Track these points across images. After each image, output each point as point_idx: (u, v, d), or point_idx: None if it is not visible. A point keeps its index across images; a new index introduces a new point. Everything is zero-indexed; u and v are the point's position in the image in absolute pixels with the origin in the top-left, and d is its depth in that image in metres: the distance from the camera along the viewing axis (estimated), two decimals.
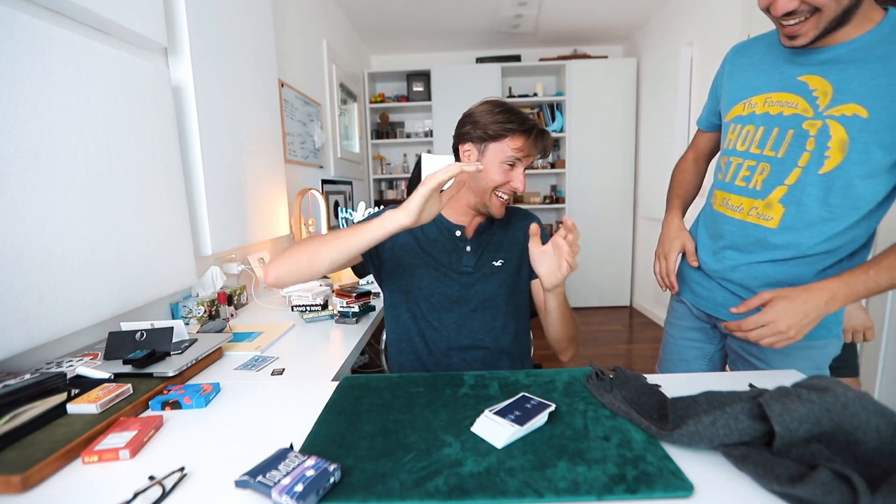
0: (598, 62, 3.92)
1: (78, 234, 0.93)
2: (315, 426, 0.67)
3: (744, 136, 0.92)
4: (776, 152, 0.87)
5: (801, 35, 0.78)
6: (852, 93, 0.78)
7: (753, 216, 0.91)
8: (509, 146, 0.98)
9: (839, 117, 0.79)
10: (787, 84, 0.86)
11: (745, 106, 0.92)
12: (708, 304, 1.04)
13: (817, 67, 0.82)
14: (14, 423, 0.62)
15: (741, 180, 0.93)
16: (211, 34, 1.44)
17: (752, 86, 0.92)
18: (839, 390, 0.54)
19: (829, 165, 0.81)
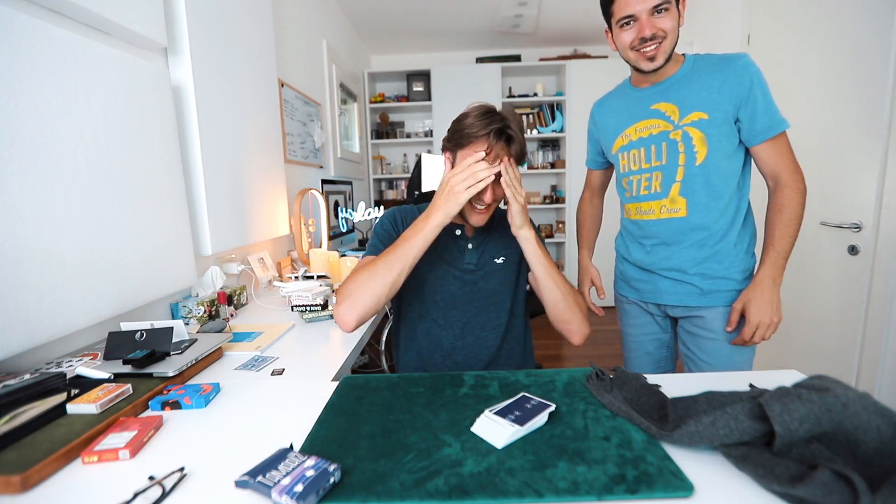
0: (598, 62, 3.91)
1: (78, 234, 0.93)
2: (315, 426, 0.67)
3: (632, 159, 1.18)
4: (660, 161, 1.12)
5: (657, 56, 1.05)
6: (691, 106, 1.07)
7: (665, 212, 1.14)
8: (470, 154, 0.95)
9: (691, 123, 1.07)
10: (645, 114, 1.14)
11: (623, 138, 1.19)
12: (654, 295, 1.23)
13: (659, 97, 1.12)
14: (14, 423, 0.62)
15: (644, 190, 1.17)
16: (211, 34, 1.44)
17: (621, 123, 1.20)
18: (839, 390, 0.54)
19: (700, 158, 1.08)
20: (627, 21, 1.04)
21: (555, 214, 4.42)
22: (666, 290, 1.19)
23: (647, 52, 1.04)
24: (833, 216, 1.78)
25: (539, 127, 4.12)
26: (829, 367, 1.79)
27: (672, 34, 1.03)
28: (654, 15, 1.01)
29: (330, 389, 0.80)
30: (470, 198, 0.96)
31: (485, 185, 0.89)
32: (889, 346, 1.62)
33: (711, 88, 1.05)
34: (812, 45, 1.92)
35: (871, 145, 1.63)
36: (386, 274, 0.91)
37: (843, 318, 1.75)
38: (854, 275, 1.70)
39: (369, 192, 4.10)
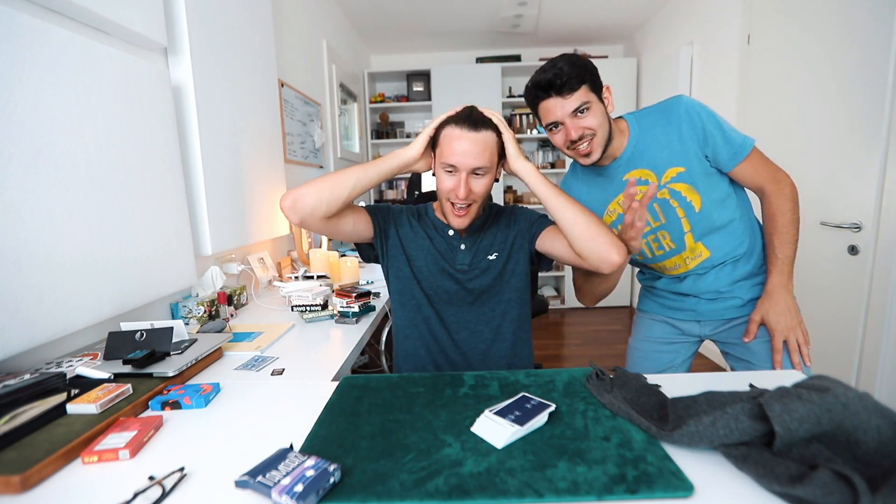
0: (598, 62, 3.89)
1: (78, 234, 0.93)
2: (315, 426, 0.67)
3: None
4: (660, 221, 1.12)
5: (592, 152, 1.04)
6: (664, 163, 1.06)
7: (692, 262, 1.14)
8: (443, 150, 0.96)
9: (672, 179, 1.07)
10: (620, 188, 1.11)
11: (609, 214, 1.16)
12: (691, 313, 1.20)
13: (627, 167, 1.10)
14: (14, 423, 0.62)
15: (658, 250, 1.16)
16: (211, 34, 1.44)
17: (600, 200, 1.16)
18: (839, 390, 0.54)
19: (697, 205, 1.07)
20: (554, 126, 1.03)
21: None
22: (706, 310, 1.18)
23: (581, 150, 1.04)
24: (833, 216, 1.78)
25: (539, 127, 4.11)
26: (829, 367, 1.79)
27: (601, 128, 1.02)
28: (577, 117, 1.00)
29: (330, 389, 0.80)
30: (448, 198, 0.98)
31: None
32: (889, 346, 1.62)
33: (671, 142, 1.06)
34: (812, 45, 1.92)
35: (871, 145, 1.63)
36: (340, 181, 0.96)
37: (843, 318, 1.75)
38: (854, 275, 1.70)
39: (369, 192, 4.10)
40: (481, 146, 0.93)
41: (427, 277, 1.06)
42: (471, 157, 0.93)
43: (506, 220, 1.12)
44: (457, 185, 0.94)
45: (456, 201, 0.97)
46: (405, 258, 1.07)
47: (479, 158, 0.93)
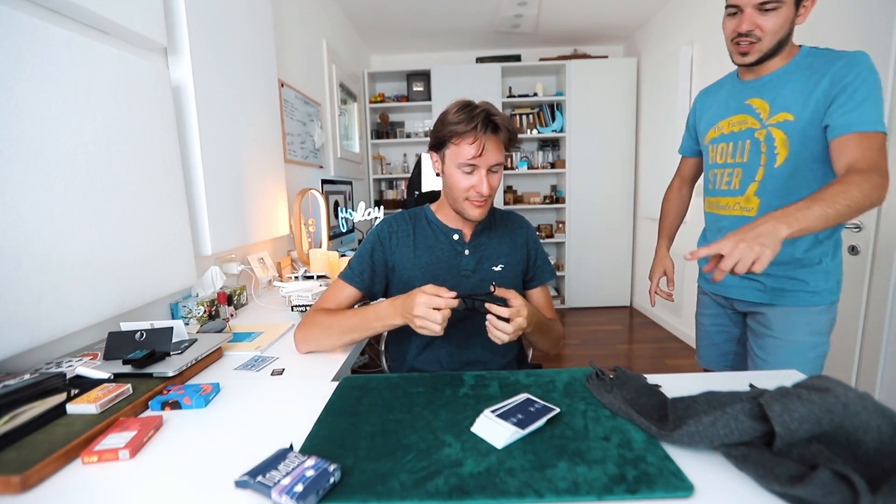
0: (598, 62, 3.92)
1: (78, 233, 0.93)
2: (315, 426, 0.67)
3: (720, 152, 1.18)
4: (743, 158, 1.11)
5: (750, 54, 1.03)
6: (782, 105, 1.03)
7: (738, 210, 1.13)
8: (460, 150, 0.95)
9: (776, 124, 1.04)
10: (739, 108, 1.12)
11: (716, 130, 1.18)
12: (724, 288, 1.22)
13: (756, 91, 1.09)
14: (13, 423, 0.62)
15: (724, 185, 1.16)
16: (211, 34, 1.43)
17: (717, 114, 1.18)
18: (840, 391, 0.54)
19: (779, 160, 1.05)
20: (733, 11, 1.01)
21: (555, 214, 4.42)
22: (734, 285, 1.19)
23: (741, 47, 1.02)
24: None
25: (539, 127, 4.12)
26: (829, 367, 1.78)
27: (773, 35, 0.99)
28: (760, 11, 0.97)
29: (330, 389, 0.80)
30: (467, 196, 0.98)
31: (444, 322, 0.83)
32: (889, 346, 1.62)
33: (806, 88, 0.99)
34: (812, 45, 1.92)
35: None
36: (337, 338, 0.98)
37: (843, 318, 1.75)
38: (854, 275, 1.70)
39: (369, 192, 4.10)
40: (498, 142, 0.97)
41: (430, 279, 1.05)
42: (490, 154, 0.95)
43: (512, 230, 1.12)
44: (479, 182, 0.96)
45: (477, 199, 0.98)
46: (408, 278, 1.06)
47: (497, 155, 0.96)
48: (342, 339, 0.97)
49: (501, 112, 0.98)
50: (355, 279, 1.05)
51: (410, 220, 1.10)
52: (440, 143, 0.98)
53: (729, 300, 1.23)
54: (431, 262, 1.06)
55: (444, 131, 0.96)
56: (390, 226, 1.09)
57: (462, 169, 0.96)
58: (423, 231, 1.08)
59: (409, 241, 1.07)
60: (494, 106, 0.97)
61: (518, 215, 1.17)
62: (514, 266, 1.09)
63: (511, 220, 1.15)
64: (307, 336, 1.00)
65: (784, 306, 1.10)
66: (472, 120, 0.92)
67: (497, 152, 0.96)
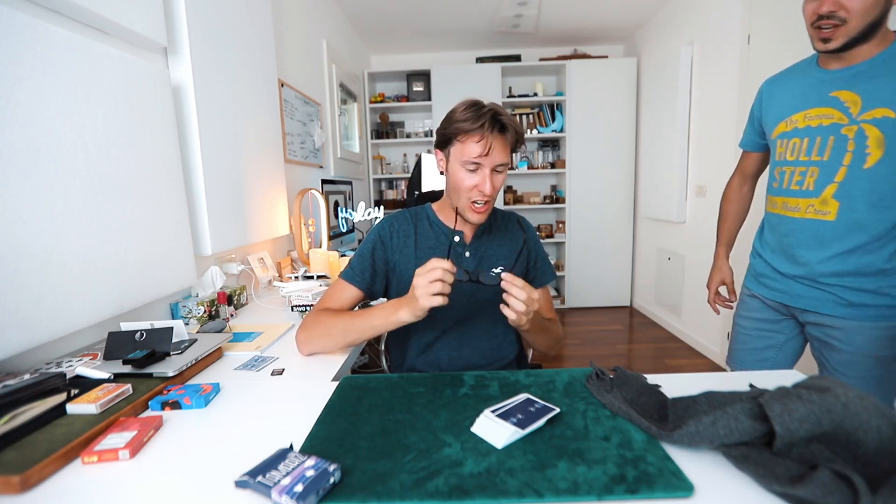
0: (598, 62, 3.91)
1: (77, 233, 0.93)
2: (315, 426, 0.67)
3: (791, 148, 1.07)
4: (822, 156, 1.00)
5: (834, 39, 0.92)
6: (879, 100, 0.92)
7: (811, 213, 1.04)
8: (465, 148, 0.94)
9: (871, 120, 0.93)
10: (821, 100, 1.00)
11: (787, 123, 1.07)
12: (785, 296, 1.14)
13: (844, 83, 0.97)
14: (13, 423, 0.62)
15: (795, 184, 1.06)
16: (211, 34, 1.43)
17: (790, 106, 1.07)
18: (840, 391, 0.54)
19: (870, 161, 0.94)
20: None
21: (555, 214, 4.42)
22: (800, 294, 1.09)
23: (823, 31, 0.92)
24: None
25: (539, 127, 4.12)
26: None
27: (862, 16, 0.88)
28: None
29: (330, 389, 0.80)
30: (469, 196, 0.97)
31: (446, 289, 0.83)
32: None
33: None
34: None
35: None
36: (339, 339, 0.96)
37: None
38: None
39: (369, 192, 4.10)
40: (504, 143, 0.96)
41: None
42: (496, 153, 0.94)
43: (513, 231, 1.12)
44: (482, 182, 0.95)
45: (479, 198, 0.97)
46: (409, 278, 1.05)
47: (502, 155, 0.96)
48: (345, 339, 0.96)
49: (508, 113, 0.97)
50: (356, 279, 1.04)
51: (412, 220, 1.09)
52: (446, 141, 0.98)
53: (789, 308, 1.14)
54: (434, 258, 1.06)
55: (450, 128, 0.95)
56: (391, 225, 1.08)
57: (466, 167, 0.95)
58: (425, 231, 1.08)
59: (411, 241, 1.07)
60: (502, 107, 0.97)
61: (519, 216, 1.17)
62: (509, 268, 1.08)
63: (511, 221, 1.14)
64: (309, 337, 0.99)
65: (865, 322, 1.00)
66: (480, 118, 0.92)
67: (502, 152, 0.95)
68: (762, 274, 1.20)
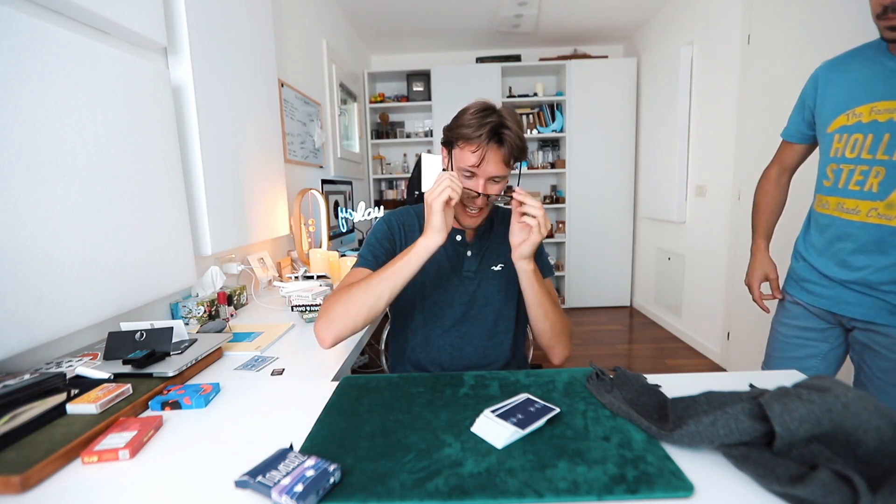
0: (598, 62, 3.92)
1: (77, 233, 0.93)
2: (315, 426, 0.67)
3: (852, 144, 0.97)
4: (889, 156, 0.91)
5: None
6: None
7: (874, 217, 0.95)
8: (462, 155, 0.94)
9: None
10: (892, 92, 0.91)
11: (850, 116, 0.97)
12: (832, 303, 1.06)
13: None
14: (13, 423, 0.62)
15: (854, 184, 0.97)
16: (211, 34, 1.43)
17: (854, 97, 0.97)
18: (840, 391, 0.54)
19: None
20: None
21: (555, 214, 4.42)
22: (849, 301, 1.03)
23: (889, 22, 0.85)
24: None
25: (539, 127, 4.12)
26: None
27: None
28: None
29: (330, 389, 0.80)
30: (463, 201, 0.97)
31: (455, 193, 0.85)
32: None
33: None
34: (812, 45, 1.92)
35: None
36: (364, 298, 0.87)
37: None
38: None
39: (369, 192, 4.10)
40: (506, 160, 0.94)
41: (430, 290, 1.05)
42: (490, 165, 0.93)
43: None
44: (476, 188, 0.95)
45: (471, 206, 0.97)
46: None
47: (497, 167, 0.94)
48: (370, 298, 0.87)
49: (517, 124, 0.94)
50: (370, 264, 1.01)
51: (416, 217, 1.10)
52: (450, 142, 0.98)
53: (836, 315, 1.07)
54: (435, 259, 1.05)
55: (454, 132, 0.95)
56: (399, 218, 1.09)
57: (463, 172, 0.96)
58: None
59: (415, 236, 1.05)
60: (514, 115, 0.95)
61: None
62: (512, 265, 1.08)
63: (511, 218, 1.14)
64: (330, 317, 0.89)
65: None
66: (481, 128, 0.91)
67: (497, 165, 0.94)
68: (806, 279, 1.13)
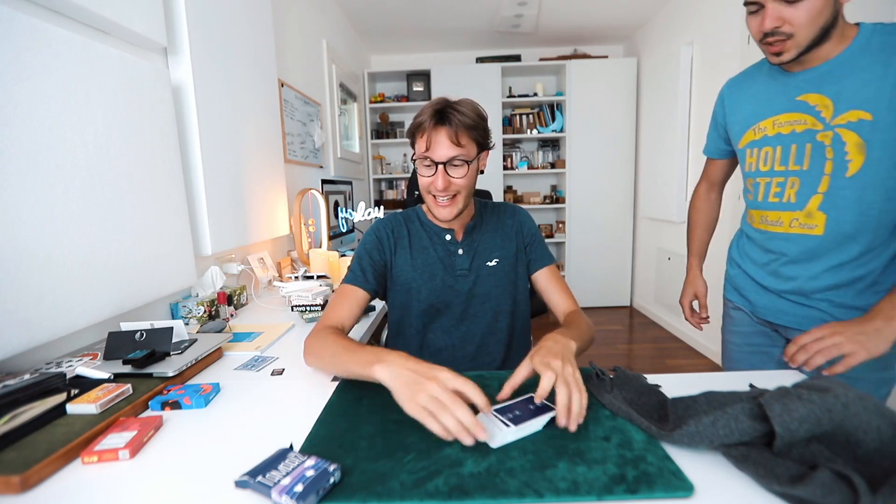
0: (598, 62, 3.92)
1: (77, 234, 0.93)
2: (315, 426, 0.67)
3: (763, 158, 0.98)
4: (800, 166, 0.92)
5: (785, 52, 0.85)
6: (850, 101, 0.84)
7: (797, 227, 0.95)
8: (417, 145, 0.96)
9: (846, 125, 0.85)
10: (788, 105, 0.92)
11: (756, 131, 0.99)
12: (769, 312, 1.06)
13: (811, 85, 0.89)
14: (13, 423, 0.62)
15: (773, 196, 0.98)
16: (211, 34, 1.44)
17: (756, 112, 0.99)
18: (840, 391, 0.54)
19: (852, 169, 0.86)
20: (753, 8, 0.85)
21: (555, 214, 4.42)
22: (785, 311, 1.02)
23: (772, 47, 0.86)
24: None
25: (539, 127, 4.12)
26: None
27: (809, 26, 0.80)
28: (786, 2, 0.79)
29: (330, 389, 0.80)
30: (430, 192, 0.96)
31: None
32: None
33: (880, 79, 0.81)
34: None
35: None
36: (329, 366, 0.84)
37: None
38: None
39: (369, 192, 4.10)
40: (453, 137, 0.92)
41: (426, 294, 1.05)
42: (440, 147, 0.92)
43: (507, 222, 1.11)
44: (435, 178, 0.94)
45: (437, 194, 0.96)
46: (408, 278, 1.06)
47: (449, 148, 0.92)
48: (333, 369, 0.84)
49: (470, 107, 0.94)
50: (360, 281, 1.02)
51: (405, 222, 1.10)
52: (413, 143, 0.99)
53: (772, 325, 1.07)
54: (427, 263, 1.05)
55: (410, 130, 0.97)
56: (386, 226, 1.08)
57: (421, 163, 0.96)
58: (417, 233, 1.08)
59: (406, 243, 1.07)
60: (470, 103, 0.95)
61: (510, 205, 1.15)
62: (508, 258, 1.08)
63: (501, 210, 1.13)
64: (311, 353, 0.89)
65: None
66: (423, 114, 0.92)
67: (448, 145, 0.91)
68: (743, 287, 1.13)
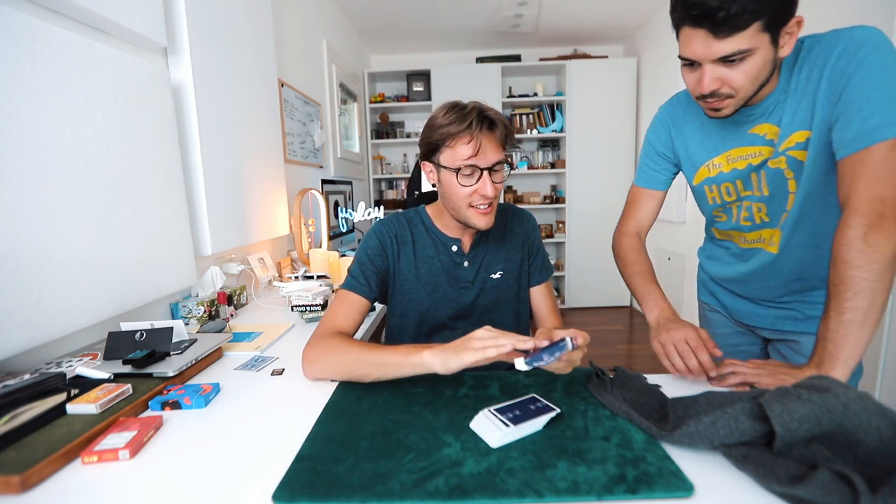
0: (598, 62, 3.92)
1: (77, 234, 0.93)
2: (315, 426, 0.67)
3: (724, 191, 0.98)
4: (763, 192, 0.92)
5: (724, 108, 0.82)
6: (792, 125, 0.84)
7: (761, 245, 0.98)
8: (455, 153, 0.89)
9: (795, 146, 0.85)
10: (741, 139, 0.91)
11: (710, 168, 0.97)
12: (744, 315, 1.08)
13: (760, 117, 0.88)
14: (13, 423, 0.62)
15: (745, 220, 0.98)
16: (211, 34, 1.44)
17: (708, 148, 0.97)
18: (840, 391, 0.54)
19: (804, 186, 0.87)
20: (689, 63, 0.80)
21: (555, 214, 4.42)
22: (759, 314, 1.05)
23: (710, 104, 0.82)
24: None
25: (539, 127, 4.12)
26: None
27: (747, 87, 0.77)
28: (724, 65, 0.75)
29: (330, 389, 0.80)
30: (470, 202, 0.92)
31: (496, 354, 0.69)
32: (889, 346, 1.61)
33: (808, 92, 0.80)
34: None
35: None
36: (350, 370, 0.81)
37: None
38: None
39: (369, 192, 4.10)
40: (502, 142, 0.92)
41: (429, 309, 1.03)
42: (489, 151, 0.90)
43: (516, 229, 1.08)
44: (482, 184, 0.90)
45: (482, 202, 0.92)
46: (411, 287, 1.03)
47: (496, 153, 0.91)
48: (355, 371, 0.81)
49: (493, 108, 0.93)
50: (360, 287, 0.97)
51: (408, 226, 1.05)
52: (433, 150, 0.93)
53: (748, 326, 1.09)
54: (431, 273, 1.02)
55: (435, 135, 0.90)
56: (389, 229, 1.03)
57: (461, 172, 0.90)
58: (423, 239, 1.04)
59: (410, 250, 1.03)
60: (485, 103, 0.93)
61: (521, 211, 1.12)
62: (512, 270, 1.06)
63: (509, 215, 1.10)
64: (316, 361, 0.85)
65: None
66: (466, 118, 0.87)
67: (496, 150, 0.90)
68: (716, 291, 1.13)
